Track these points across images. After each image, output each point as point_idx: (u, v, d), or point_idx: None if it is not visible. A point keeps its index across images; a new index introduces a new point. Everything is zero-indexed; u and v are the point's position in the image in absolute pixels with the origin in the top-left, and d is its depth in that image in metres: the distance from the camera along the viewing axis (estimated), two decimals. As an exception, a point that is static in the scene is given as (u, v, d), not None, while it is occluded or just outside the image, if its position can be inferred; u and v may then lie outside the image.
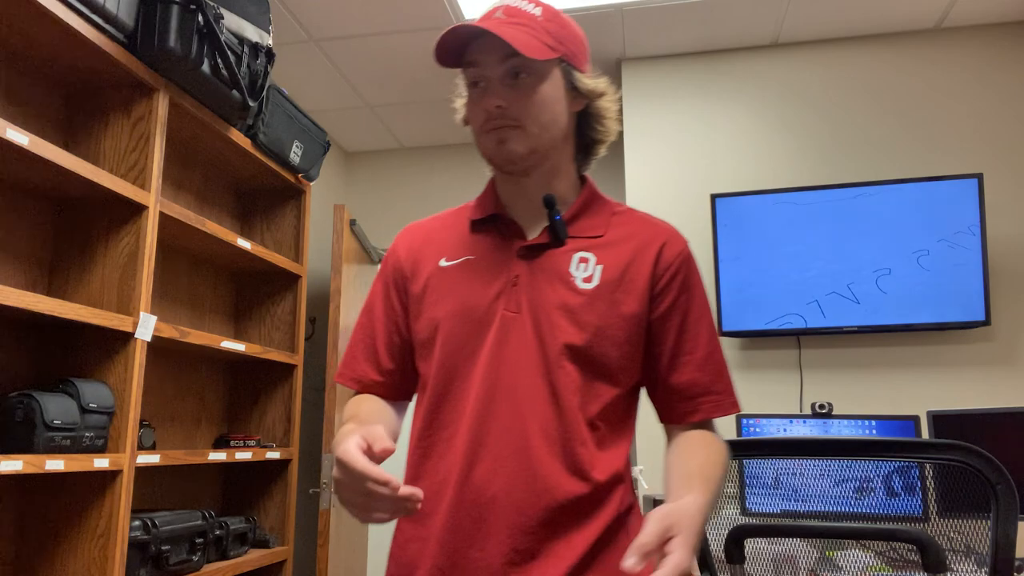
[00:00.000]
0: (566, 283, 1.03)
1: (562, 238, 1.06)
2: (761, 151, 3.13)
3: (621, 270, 1.04)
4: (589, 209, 1.11)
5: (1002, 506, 1.07)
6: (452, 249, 1.11)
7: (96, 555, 1.80)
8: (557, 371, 0.99)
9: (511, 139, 1.03)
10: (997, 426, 2.15)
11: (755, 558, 1.39)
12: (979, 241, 2.72)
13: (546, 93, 1.04)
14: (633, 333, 1.03)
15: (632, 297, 1.03)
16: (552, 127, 1.05)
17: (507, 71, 1.03)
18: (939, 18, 2.98)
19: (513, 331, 1.01)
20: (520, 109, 1.03)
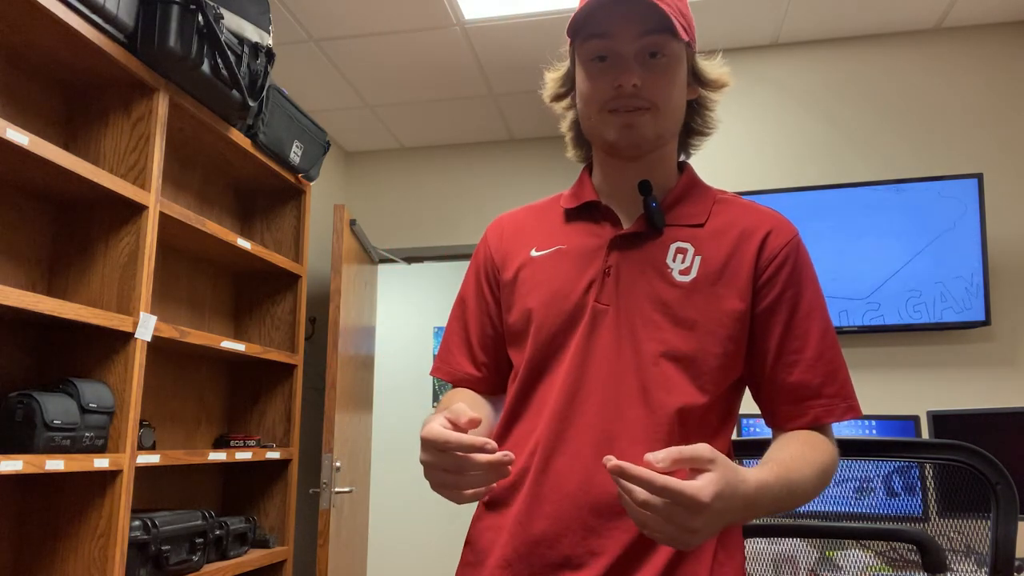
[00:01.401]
0: (662, 275, 0.97)
1: (659, 226, 1.00)
2: (761, 151, 3.13)
3: (722, 262, 0.97)
4: (689, 196, 1.04)
5: (1002, 506, 1.07)
6: (544, 238, 1.06)
7: (96, 555, 1.80)
8: (649, 368, 0.94)
9: (641, 122, 0.97)
10: (997, 426, 2.15)
11: (755, 558, 1.39)
12: (979, 241, 2.72)
13: (678, 77, 0.98)
14: (735, 330, 0.96)
15: (733, 291, 0.96)
16: (678, 114, 1.01)
17: (643, 48, 0.95)
18: (939, 18, 2.98)
19: (603, 325, 0.97)
20: (656, 91, 0.96)
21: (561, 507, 0.92)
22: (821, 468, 0.91)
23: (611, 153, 1.03)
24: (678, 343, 0.95)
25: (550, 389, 0.98)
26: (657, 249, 0.99)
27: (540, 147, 4.13)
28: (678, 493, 0.70)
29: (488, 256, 1.12)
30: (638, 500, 0.71)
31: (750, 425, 2.44)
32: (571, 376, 0.96)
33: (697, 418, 0.95)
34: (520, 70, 3.39)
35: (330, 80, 3.47)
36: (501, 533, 0.96)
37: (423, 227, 4.14)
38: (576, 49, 1.01)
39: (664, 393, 0.93)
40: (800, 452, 0.90)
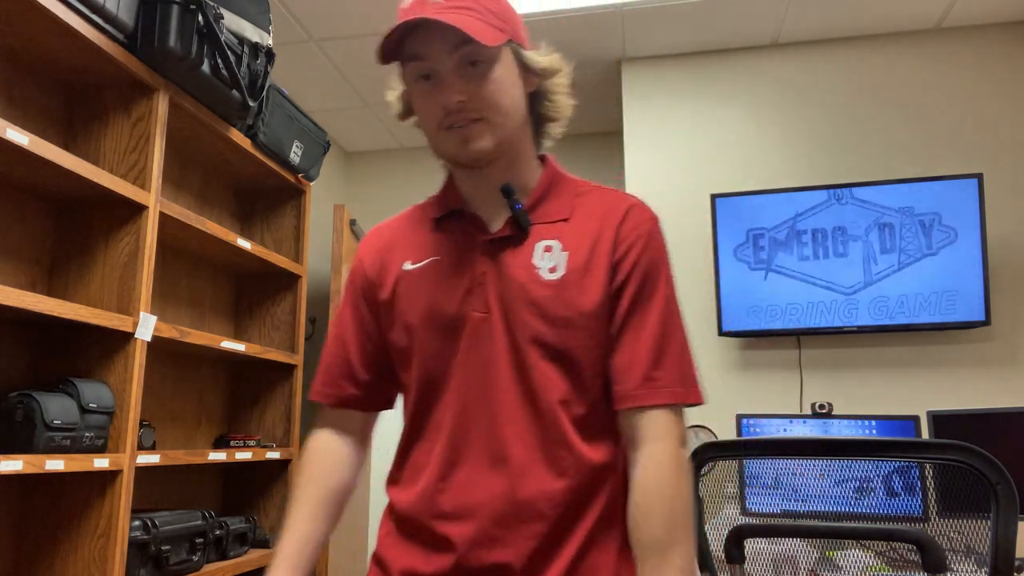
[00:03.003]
0: (531, 276, 0.97)
1: (525, 227, 1.00)
2: (761, 151, 3.13)
3: (587, 254, 0.98)
4: (552, 192, 1.04)
5: (1002, 506, 1.07)
6: (416, 250, 1.05)
7: (96, 555, 1.80)
8: (532, 371, 0.95)
9: (476, 135, 0.96)
10: (997, 426, 2.15)
11: (755, 558, 1.39)
12: (979, 241, 2.72)
13: (504, 79, 0.97)
14: (605, 318, 0.97)
15: (599, 281, 0.97)
16: (514, 114, 0.99)
17: (460, 61, 0.95)
18: (939, 18, 2.98)
19: (484, 333, 0.97)
20: (481, 101, 0.95)
21: (465, 521, 0.93)
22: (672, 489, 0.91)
23: (458, 165, 1.03)
24: (555, 342, 0.95)
25: (441, 405, 0.98)
26: (525, 250, 0.99)
27: (540, 147, 4.13)
28: None
29: (364, 274, 1.10)
30: None
31: (750, 425, 2.45)
32: (460, 389, 0.97)
33: (585, 414, 0.95)
34: (520, 70, 3.39)
35: (330, 80, 3.47)
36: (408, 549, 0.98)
37: (423, 227, 4.14)
38: (404, 70, 1.00)
39: (548, 394, 0.94)
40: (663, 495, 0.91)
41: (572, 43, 3.17)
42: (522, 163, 1.04)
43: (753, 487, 1.59)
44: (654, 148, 3.22)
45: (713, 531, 1.35)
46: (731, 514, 1.39)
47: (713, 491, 1.40)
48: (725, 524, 1.31)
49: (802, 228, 2.90)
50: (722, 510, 1.39)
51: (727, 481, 1.40)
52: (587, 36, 3.12)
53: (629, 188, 3.22)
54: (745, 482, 1.64)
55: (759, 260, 2.92)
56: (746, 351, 2.98)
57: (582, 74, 3.44)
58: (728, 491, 1.42)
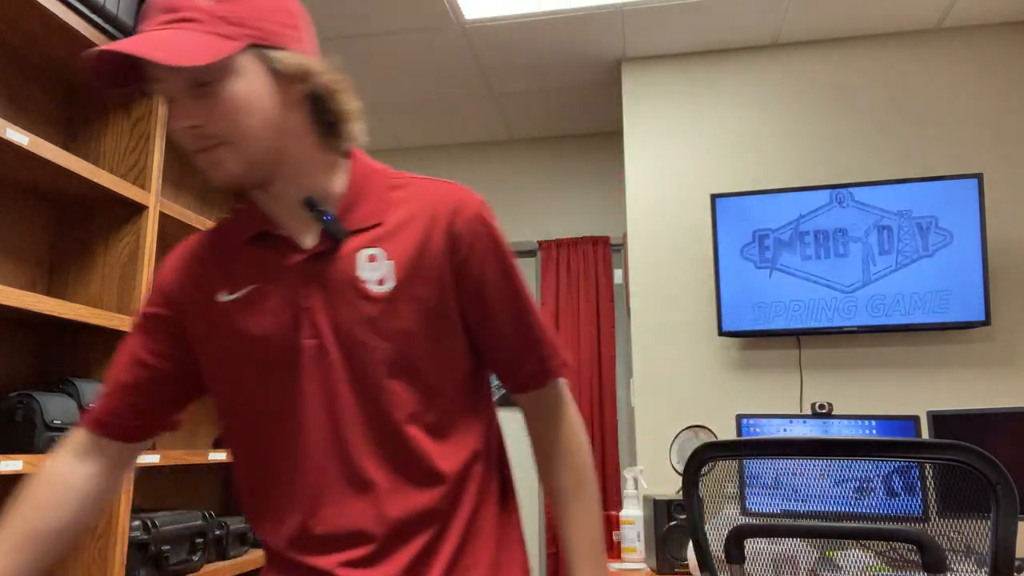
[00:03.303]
0: (359, 291, 0.90)
1: (340, 239, 0.91)
2: (761, 151, 3.13)
3: (415, 259, 0.91)
4: (363, 194, 0.94)
5: (1002, 506, 1.07)
6: (230, 278, 0.95)
7: (96, 555, 1.80)
8: (377, 391, 0.90)
9: (222, 160, 0.86)
10: (997, 426, 2.15)
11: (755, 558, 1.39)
12: (979, 241, 2.72)
13: (242, 94, 0.85)
14: (447, 326, 0.93)
15: (433, 287, 0.92)
16: (264, 130, 0.87)
17: (188, 83, 0.84)
18: (939, 18, 2.98)
19: (321, 362, 0.90)
20: (217, 124, 0.85)
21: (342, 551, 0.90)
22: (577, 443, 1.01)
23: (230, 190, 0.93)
24: (396, 357, 0.90)
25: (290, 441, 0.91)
26: (347, 263, 0.91)
27: (540, 147, 4.13)
28: None
29: (165, 302, 0.98)
30: None
31: (750, 425, 2.45)
32: (307, 422, 0.90)
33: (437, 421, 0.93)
34: (520, 70, 3.39)
35: (330, 80, 3.47)
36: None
37: (423, 227, 4.14)
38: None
39: (396, 413, 0.90)
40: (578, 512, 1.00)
41: (572, 43, 3.17)
42: (314, 172, 0.93)
43: (753, 487, 1.59)
44: (654, 148, 3.22)
45: (713, 531, 1.35)
46: (731, 514, 1.39)
47: (713, 491, 1.40)
48: (725, 524, 1.31)
49: (805, 229, 2.90)
50: (722, 510, 1.39)
51: (727, 481, 1.40)
52: (587, 36, 3.12)
53: (629, 188, 3.22)
54: (745, 482, 1.64)
55: (764, 260, 2.92)
56: (746, 351, 2.98)
57: (582, 74, 3.44)
58: (728, 491, 1.42)
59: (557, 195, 4.05)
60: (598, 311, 3.78)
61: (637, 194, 3.20)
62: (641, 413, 3.02)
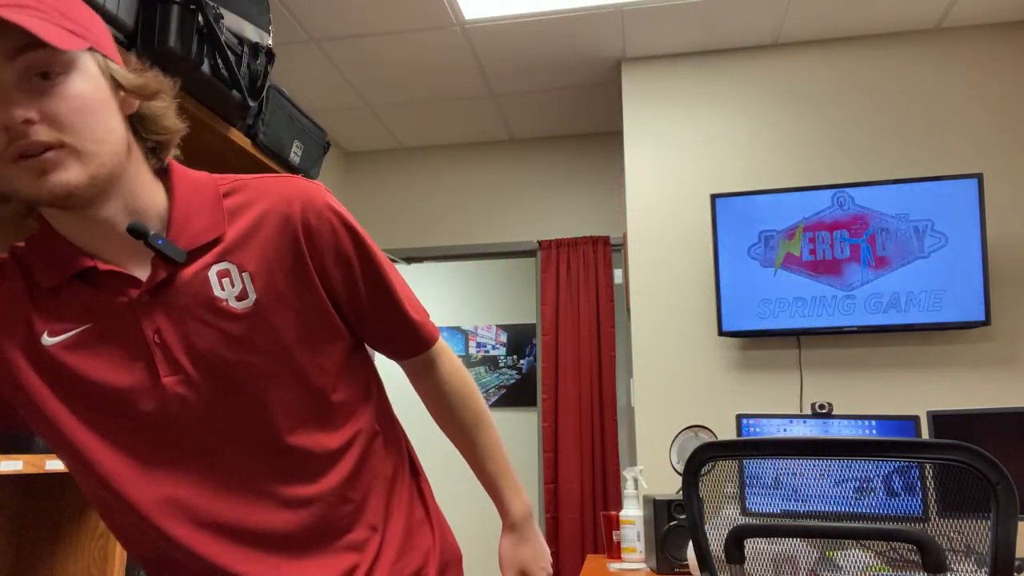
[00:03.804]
0: (219, 312, 0.82)
1: (180, 260, 0.82)
2: (761, 151, 3.13)
3: (270, 267, 0.85)
4: (193, 208, 0.85)
5: (1002, 506, 1.07)
6: (50, 318, 0.82)
7: (96, 555, 1.80)
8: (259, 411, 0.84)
9: (60, 166, 0.73)
10: (997, 426, 2.15)
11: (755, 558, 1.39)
12: (979, 241, 2.72)
13: (90, 95, 0.76)
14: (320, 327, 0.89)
15: (298, 286, 0.86)
16: (110, 139, 0.77)
17: (24, 71, 0.72)
18: (939, 18, 2.98)
19: (189, 396, 0.82)
20: (60, 122, 0.73)
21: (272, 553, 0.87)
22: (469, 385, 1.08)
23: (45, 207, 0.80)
24: (274, 368, 0.84)
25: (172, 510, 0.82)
26: (198, 286, 0.82)
27: (540, 147, 4.13)
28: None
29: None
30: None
31: (750, 425, 2.45)
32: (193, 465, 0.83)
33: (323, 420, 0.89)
34: (520, 70, 3.39)
35: (330, 80, 3.47)
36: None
37: (423, 227, 4.14)
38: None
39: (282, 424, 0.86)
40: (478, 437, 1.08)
41: (572, 43, 3.18)
42: (142, 190, 0.83)
43: (753, 487, 1.59)
44: (654, 148, 3.23)
45: (713, 531, 1.35)
46: (731, 514, 1.39)
47: (713, 491, 1.40)
48: (725, 524, 1.31)
49: (806, 229, 2.90)
50: (722, 510, 1.39)
51: (727, 481, 1.40)
52: (587, 36, 3.12)
53: (629, 188, 3.22)
54: (745, 482, 1.64)
55: (769, 259, 2.92)
56: (746, 351, 2.99)
57: (582, 74, 3.44)
58: (728, 491, 1.42)
59: (557, 195, 4.05)
60: (598, 311, 3.78)
61: (637, 194, 3.20)
62: (641, 413, 3.02)
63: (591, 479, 3.61)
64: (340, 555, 0.90)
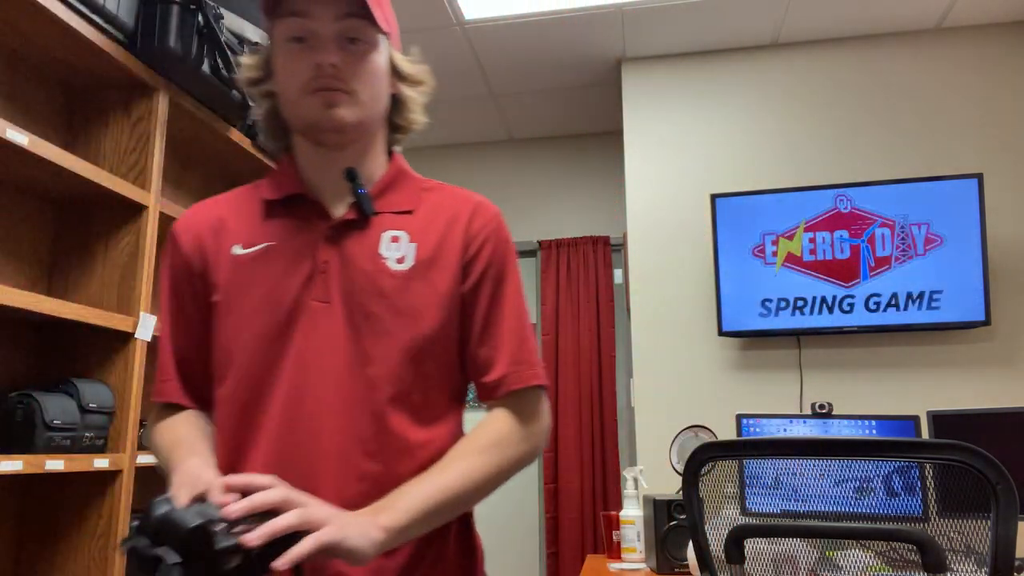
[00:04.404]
0: (378, 265, 0.95)
1: (368, 212, 0.97)
2: (761, 151, 3.13)
3: (434, 247, 0.98)
4: (397, 184, 1.04)
5: (1002, 506, 1.07)
6: (246, 235, 0.99)
7: (96, 555, 1.80)
8: (374, 363, 0.91)
9: (342, 104, 0.94)
10: (997, 426, 2.15)
11: (755, 558, 1.39)
12: (979, 241, 2.72)
13: (378, 64, 0.98)
14: (452, 312, 0.97)
15: (447, 274, 0.97)
16: (379, 101, 1.00)
17: (341, 32, 0.94)
18: (939, 18, 2.98)
19: (323, 323, 0.92)
20: (354, 76, 0.95)
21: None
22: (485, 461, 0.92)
23: (315, 139, 0.99)
24: (401, 333, 0.93)
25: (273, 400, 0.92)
26: (370, 239, 0.97)
27: (540, 147, 4.13)
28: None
29: (183, 262, 1.01)
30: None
31: (750, 425, 2.45)
32: (296, 382, 0.91)
33: (419, 405, 0.94)
34: (520, 70, 3.39)
35: (330, 80, 3.47)
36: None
37: (423, 227, 4.14)
38: (274, 30, 0.97)
39: (383, 389, 0.91)
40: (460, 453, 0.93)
41: (572, 43, 3.17)
42: (372, 155, 1.03)
43: (753, 487, 1.59)
44: (654, 148, 3.22)
45: (713, 531, 1.35)
46: (731, 514, 1.39)
47: (713, 491, 1.40)
48: (725, 524, 1.31)
49: (808, 229, 2.90)
50: (722, 510, 1.39)
51: (727, 481, 1.40)
52: (587, 36, 3.12)
53: (629, 188, 3.22)
54: (745, 482, 1.64)
55: (770, 259, 2.92)
56: (746, 351, 2.98)
57: (582, 74, 3.44)
58: (728, 491, 1.42)
59: (557, 195, 4.05)
60: (598, 311, 3.78)
61: (637, 194, 3.20)
62: (641, 413, 3.01)
63: (591, 479, 3.61)
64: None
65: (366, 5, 0.93)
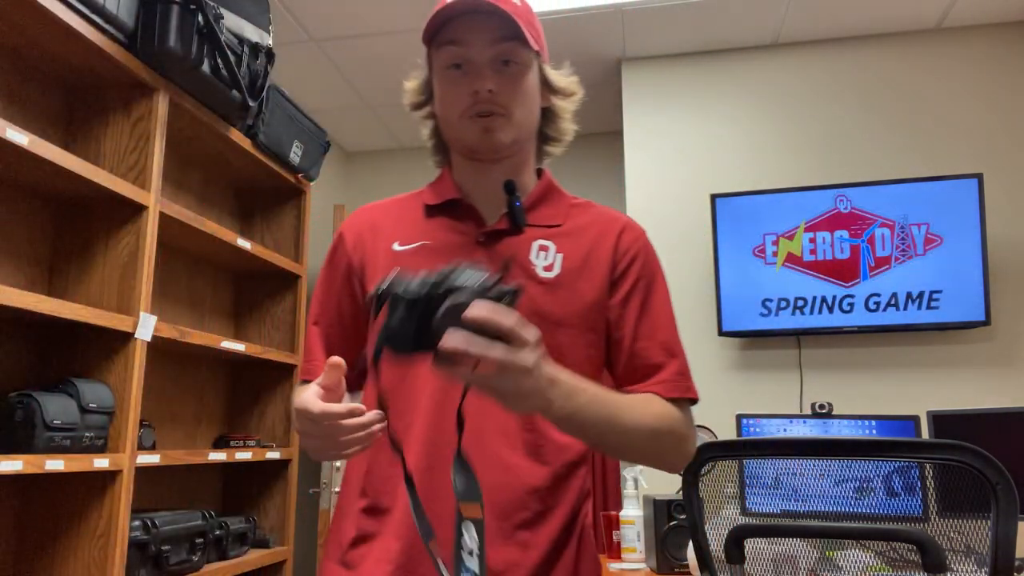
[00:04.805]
0: (527, 272, 1.00)
1: (522, 224, 1.03)
2: (761, 151, 3.13)
3: (582, 258, 1.03)
4: (547, 199, 1.10)
5: (1002, 506, 1.07)
6: (406, 234, 1.07)
7: (96, 555, 1.80)
8: None
9: (498, 127, 1.01)
10: (997, 426, 2.15)
11: (755, 558, 1.39)
12: (979, 241, 2.72)
13: (531, 84, 1.03)
14: (596, 321, 1.02)
15: (593, 285, 1.02)
16: (533, 117, 1.05)
17: (495, 56, 1.00)
18: (939, 18, 2.98)
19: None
20: (509, 97, 1.00)
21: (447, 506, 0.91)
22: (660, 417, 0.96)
23: (471, 157, 1.06)
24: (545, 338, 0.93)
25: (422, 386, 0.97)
26: (520, 246, 1.03)
27: (540, 147, 4.13)
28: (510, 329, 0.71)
29: (345, 255, 1.10)
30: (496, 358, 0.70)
31: (750, 425, 2.45)
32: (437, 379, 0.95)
33: None
34: (520, 70, 3.39)
35: (330, 80, 3.47)
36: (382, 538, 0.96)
37: (423, 227, 4.14)
38: (432, 57, 1.05)
39: None
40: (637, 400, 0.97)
41: (572, 43, 3.17)
42: (524, 169, 1.09)
43: (753, 487, 1.59)
44: (654, 148, 3.22)
45: (713, 531, 1.35)
46: (731, 514, 1.39)
47: (713, 491, 1.40)
48: (725, 524, 1.31)
49: (808, 229, 2.90)
50: (722, 510, 1.39)
51: (727, 481, 1.40)
52: (587, 36, 3.12)
53: (629, 188, 3.22)
54: (745, 482, 1.64)
55: (770, 259, 2.92)
56: (746, 351, 2.98)
57: (582, 74, 3.44)
58: (728, 491, 1.42)
59: (557, 195, 4.05)
60: (598, 311, 3.78)
61: (637, 194, 3.20)
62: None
63: (591, 479, 3.61)
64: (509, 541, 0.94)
65: (519, 28, 0.97)
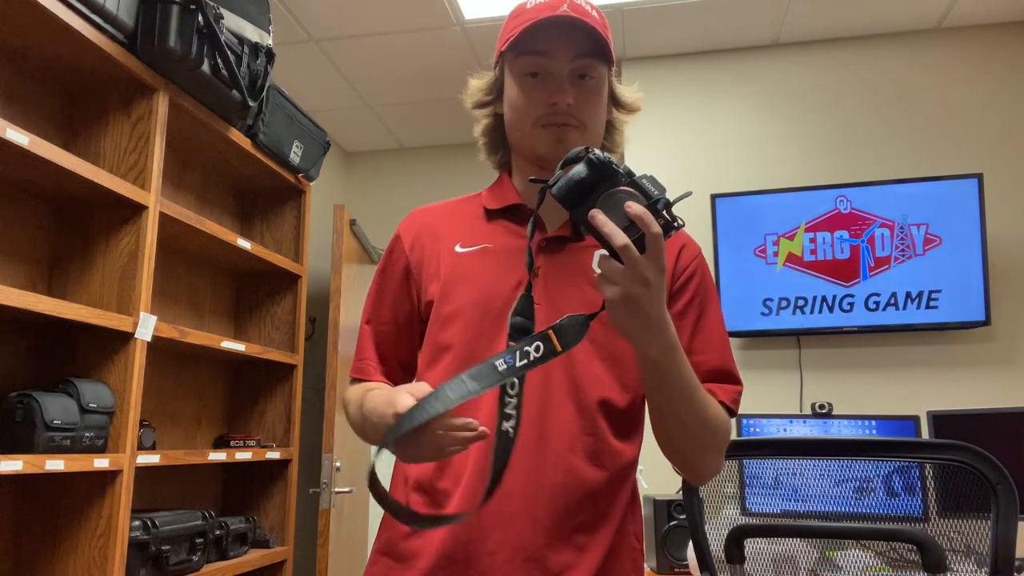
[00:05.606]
0: (589, 280, 1.02)
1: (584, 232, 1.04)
2: (761, 151, 3.13)
3: None
4: None
5: (1002, 506, 1.07)
6: (467, 236, 1.09)
7: (96, 555, 1.80)
8: (579, 367, 0.98)
9: (571, 138, 1.02)
10: (997, 426, 2.15)
11: (755, 558, 1.39)
12: (979, 241, 2.72)
13: (604, 97, 1.06)
14: None
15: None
16: (601, 130, 1.07)
17: (575, 70, 1.02)
18: (939, 18, 2.98)
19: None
20: (586, 110, 1.03)
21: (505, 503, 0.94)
22: (716, 413, 0.97)
23: (539, 164, 1.07)
24: (606, 343, 0.99)
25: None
26: (582, 254, 1.04)
27: (540, 147, 4.13)
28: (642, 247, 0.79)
29: (402, 256, 1.12)
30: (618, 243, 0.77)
31: (750, 425, 2.45)
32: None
33: (619, 412, 1.01)
34: (520, 70, 3.39)
35: (330, 80, 3.47)
36: (436, 534, 0.97)
37: (423, 227, 4.14)
38: (508, 61, 1.06)
39: (593, 390, 0.98)
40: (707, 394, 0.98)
41: (572, 43, 3.17)
42: None
43: (753, 487, 1.59)
44: (654, 148, 3.22)
45: (713, 531, 1.35)
46: (731, 514, 1.39)
47: (713, 491, 1.40)
48: (725, 524, 1.31)
49: (809, 230, 2.90)
50: (722, 510, 1.39)
51: (727, 481, 1.40)
52: (587, 36, 3.12)
53: (629, 188, 3.22)
54: (745, 482, 1.64)
55: (759, 260, 2.92)
56: (746, 351, 2.98)
57: (582, 74, 3.44)
58: (728, 491, 1.42)
59: (557, 195, 4.05)
60: (598, 311, 3.78)
61: (637, 194, 3.20)
62: (641, 413, 3.01)
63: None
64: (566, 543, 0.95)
65: (602, 45, 1.01)
